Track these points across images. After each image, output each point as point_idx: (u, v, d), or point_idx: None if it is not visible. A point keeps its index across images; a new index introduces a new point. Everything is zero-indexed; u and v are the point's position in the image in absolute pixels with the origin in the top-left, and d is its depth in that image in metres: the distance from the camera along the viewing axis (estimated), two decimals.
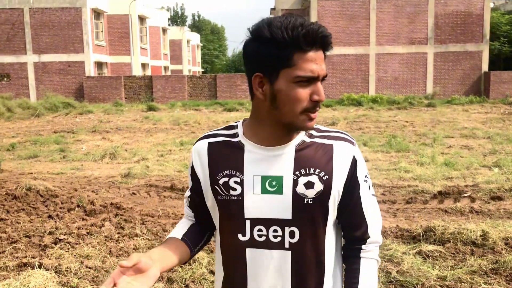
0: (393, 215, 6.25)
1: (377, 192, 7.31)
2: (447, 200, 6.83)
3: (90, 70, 30.54)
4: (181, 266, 4.42)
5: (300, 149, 1.42)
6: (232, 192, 1.42)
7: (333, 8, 29.06)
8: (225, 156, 1.45)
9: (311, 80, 1.32)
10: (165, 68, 46.00)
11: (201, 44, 69.68)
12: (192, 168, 1.51)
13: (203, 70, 69.94)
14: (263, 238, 1.41)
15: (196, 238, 1.58)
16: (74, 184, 8.21)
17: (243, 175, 1.41)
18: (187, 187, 1.60)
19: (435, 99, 26.71)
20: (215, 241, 1.55)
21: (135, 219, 5.93)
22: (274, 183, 1.39)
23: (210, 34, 75.73)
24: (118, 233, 5.42)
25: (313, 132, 1.45)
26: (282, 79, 1.32)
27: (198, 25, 75.42)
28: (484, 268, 4.29)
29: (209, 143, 1.48)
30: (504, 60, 37.07)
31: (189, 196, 1.58)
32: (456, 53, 29.14)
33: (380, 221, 1.52)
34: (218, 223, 1.50)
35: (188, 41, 57.78)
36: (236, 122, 1.52)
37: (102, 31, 33.58)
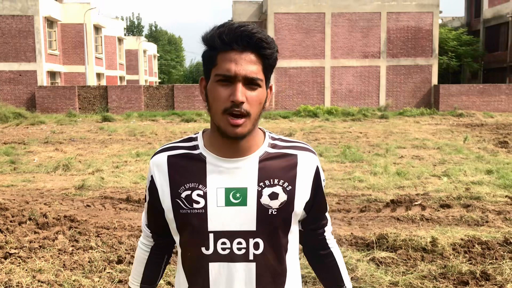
0: (347, 223, 6.40)
1: (332, 201, 7.47)
2: (399, 208, 7.05)
3: (43, 80, 29.71)
4: None
5: (264, 159, 1.41)
6: (195, 206, 1.39)
7: (290, 21, 29.57)
8: (187, 169, 1.42)
9: (230, 80, 1.31)
10: (121, 78, 45.30)
11: (158, 55, 69.09)
12: (152, 181, 1.46)
13: (160, 80, 69.29)
14: (227, 251, 1.39)
15: (154, 275, 1.62)
16: (25, 196, 7.96)
17: (206, 187, 1.39)
18: (144, 203, 1.59)
19: (388, 111, 27.55)
20: (177, 254, 1.55)
21: (89, 231, 5.81)
22: (238, 195, 1.38)
23: (167, 45, 75.21)
24: (72, 246, 5.30)
25: (277, 143, 1.46)
26: (211, 79, 1.36)
27: (155, 35, 74.79)
28: (434, 273, 4.47)
29: (169, 156, 1.45)
30: (452, 74, 38.72)
31: (147, 212, 1.55)
32: (407, 66, 30.21)
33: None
34: (178, 237, 1.47)
35: (144, 51, 57.19)
36: (195, 134, 1.49)
37: (55, 40, 32.79)
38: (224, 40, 1.30)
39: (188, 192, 1.40)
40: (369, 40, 30.03)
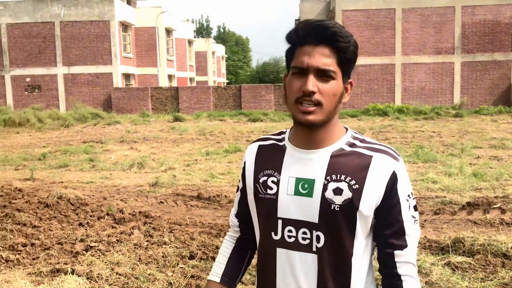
0: (421, 226, 6.19)
1: None
2: (476, 211, 6.72)
3: (118, 82, 31.14)
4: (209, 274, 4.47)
5: (337, 155, 1.42)
6: (268, 191, 1.46)
7: (358, 18, 29.02)
8: (269, 157, 1.51)
9: (303, 72, 1.36)
10: (191, 79, 46.53)
11: (226, 56, 70.26)
12: (244, 167, 1.59)
13: (228, 81, 70.45)
14: (293, 239, 1.43)
15: (236, 268, 1.64)
16: (103, 193, 8.38)
17: (280, 175, 1.45)
18: (237, 190, 1.67)
19: (463, 109, 26.31)
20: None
21: (163, 227, 6.02)
22: (306, 185, 1.41)
23: (235, 46, 76.29)
24: (147, 241, 5.51)
25: (356, 142, 1.45)
26: (289, 72, 1.42)
27: (223, 37, 76.11)
28: None
29: (260, 146, 1.57)
30: None
31: (238, 201, 1.65)
32: (484, 62, 28.69)
33: (416, 244, 1.46)
34: (256, 222, 1.54)
35: (213, 53, 58.38)
36: (286, 129, 1.58)
37: (129, 43, 34.25)
38: (299, 34, 1.36)
39: (265, 178, 1.48)
40: (442, 35, 28.81)
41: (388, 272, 1.44)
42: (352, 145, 1.44)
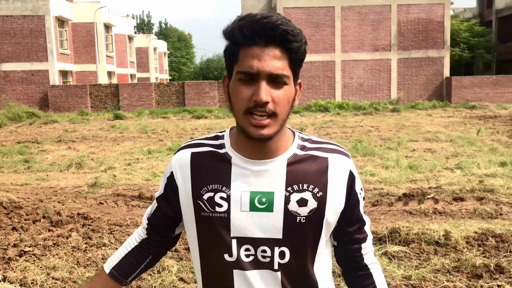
0: None
1: None
2: (411, 202, 7.01)
3: (55, 79, 29.97)
4: (150, 274, 4.40)
5: (292, 162, 1.30)
6: (217, 209, 1.30)
7: (299, 16, 29.44)
8: (211, 169, 1.33)
9: (253, 78, 1.19)
10: (132, 76, 45.52)
11: (168, 52, 69.28)
12: (171, 178, 1.37)
13: (170, 77, 69.50)
14: (251, 258, 1.30)
15: (130, 268, 1.49)
16: (39, 195, 8.04)
17: (230, 190, 1.30)
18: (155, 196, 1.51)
19: (399, 104, 27.35)
20: (192, 260, 1.45)
21: (103, 228, 5.86)
22: (264, 199, 1.28)
23: (177, 42, 75.36)
24: (86, 243, 5.35)
25: (306, 144, 1.34)
26: (233, 77, 1.24)
27: (165, 33, 74.96)
28: (447, 267, 4.44)
29: (193, 153, 1.35)
30: (465, 66, 38.34)
31: (155, 207, 1.47)
32: (418, 59, 29.94)
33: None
34: (196, 242, 1.37)
35: (155, 49, 57.37)
36: (222, 132, 1.39)
37: (66, 39, 33.02)
38: (245, 33, 1.18)
39: (211, 194, 1.31)
40: (380, 33, 29.80)
41: (355, 266, 1.42)
42: (303, 148, 1.34)
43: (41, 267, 4.59)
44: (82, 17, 34.24)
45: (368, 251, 1.42)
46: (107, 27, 38.14)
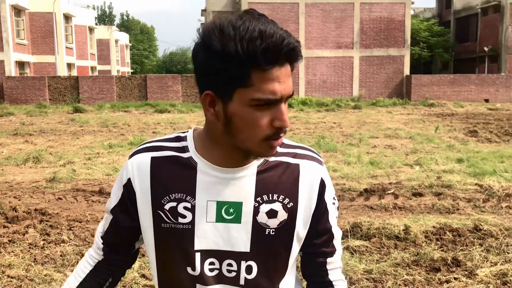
0: None
1: None
2: (372, 197, 7.14)
3: (11, 70, 28.94)
4: None
5: (263, 170, 1.21)
6: (180, 220, 1.20)
7: (263, 11, 29.32)
8: (173, 176, 1.20)
9: (271, 103, 1.07)
10: (92, 68, 44.49)
11: (130, 44, 68.04)
12: (129, 185, 1.24)
13: (132, 70, 68.33)
14: (215, 273, 1.22)
15: None
16: None
17: (194, 199, 1.19)
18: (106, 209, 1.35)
19: (361, 101, 27.83)
20: (151, 271, 1.36)
21: (61, 224, 5.70)
22: (231, 210, 1.19)
23: (140, 34, 74.12)
24: (44, 240, 5.19)
25: (277, 148, 1.21)
26: (237, 100, 1.07)
27: (127, 25, 73.58)
28: (407, 260, 4.54)
29: (153, 158, 1.22)
30: (424, 65, 39.38)
31: (109, 221, 1.31)
32: (380, 57, 30.52)
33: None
34: (154, 255, 1.27)
35: (116, 41, 56.22)
36: (184, 133, 1.26)
37: (23, 29, 31.93)
38: (271, 58, 1.04)
39: (173, 204, 1.20)
40: (343, 30, 30.19)
41: (319, 281, 1.32)
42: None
43: None
44: (40, 6, 33.16)
45: (335, 267, 1.32)
46: (67, 18, 37.09)
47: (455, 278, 4.14)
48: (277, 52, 1.04)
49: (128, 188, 1.24)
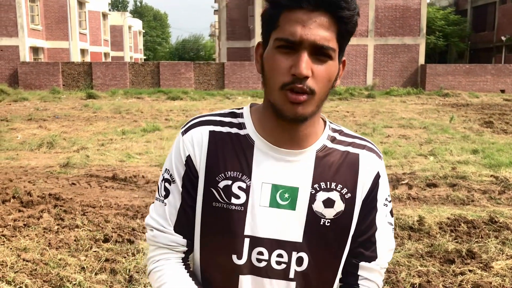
0: None
1: None
2: None
3: (25, 55, 29.11)
4: (125, 257, 4.34)
5: (322, 156, 1.14)
6: (233, 200, 1.12)
7: None
8: (230, 153, 1.13)
9: (294, 47, 1.02)
10: (106, 54, 44.60)
11: (143, 31, 68.06)
12: (190, 163, 1.14)
13: (145, 57, 68.45)
14: (263, 264, 1.13)
15: None
16: (9, 174, 7.83)
17: (250, 180, 1.12)
18: (159, 197, 1.20)
19: (375, 90, 27.58)
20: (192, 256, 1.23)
21: (75, 210, 5.74)
22: (286, 195, 1.12)
23: (153, 21, 74.09)
24: (58, 224, 5.23)
25: (337, 136, 1.18)
26: (270, 44, 1.07)
27: (140, 11, 73.55)
28: (420, 252, 4.51)
29: (211, 132, 1.15)
30: (439, 54, 38.84)
31: (177, 210, 1.17)
32: (394, 46, 30.16)
33: (392, 252, 1.25)
34: (198, 237, 1.17)
35: (129, 27, 56.25)
36: (239, 109, 1.20)
37: (38, 15, 32.03)
38: None
39: (228, 182, 1.12)
40: (358, 18, 29.82)
41: (346, 282, 1.22)
42: (333, 139, 1.18)
43: (11, 249, 4.47)
44: None
45: (368, 277, 1.20)
46: (81, 4, 37.13)
47: (469, 271, 4.09)
48: None
49: (190, 165, 1.15)
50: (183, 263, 1.19)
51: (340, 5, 1.01)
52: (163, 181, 1.19)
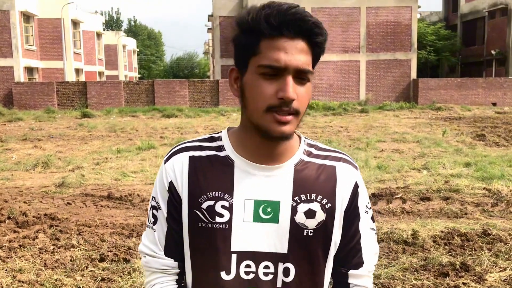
0: None
1: None
2: (380, 202, 7.13)
3: (20, 76, 29.18)
4: (121, 276, 4.34)
5: (300, 169, 1.20)
6: (218, 219, 1.16)
7: None
8: (211, 175, 1.19)
9: (278, 72, 1.08)
10: (100, 73, 44.76)
11: (138, 50, 68.40)
12: (173, 189, 1.20)
13: (140, 75, 68.65)
14: (251, 276, 1.17)
15: None
16: (3, 195, 7.82)
17: (232, 198, 1.17)
18: (149, 224, 1.26)
19: (368, 105, 27.78)
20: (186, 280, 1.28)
21: (71, 229, 5.75)
22: (269, 209, 1.16)
23: (147, 40, 74.50)
24: (53, 244, 5.23)
25: (312, 150, 1.25)
26: (250, 70, 1.12)
27: (134, 30, 73.96)
28: (415, 265, 4.54)
29: (191, 157, 1.20)
30: (431, 68, 39.25)
31: (165, 234, 1.23)
32: (386, 61, 30.49)
33: (377, 256, 1.31)
34: (188, 257, 1.22)
35: (124, 46, 56.54)
36: (216, 133, 1.25)
37: (32, 35, 32.22)
38: (272, 24, 1.07)
39: (211, 203, 1.17)
40: (349, 34, 30.19)
41: None
42: (309, 154, 1.24)
43: (6, 270, 4.47)
44: (49, 12, 33.44)
45: (358, 283, 1.25)
46: (75, 24, 37.38)
47: (464, 283, 4.13)
48: (281, 19, 1.07)
49: (172, 191, 1.20)
50: (177, 285, 1.25)
51: (316, 32, 1.09)
52: (151, 209, 1.26)
